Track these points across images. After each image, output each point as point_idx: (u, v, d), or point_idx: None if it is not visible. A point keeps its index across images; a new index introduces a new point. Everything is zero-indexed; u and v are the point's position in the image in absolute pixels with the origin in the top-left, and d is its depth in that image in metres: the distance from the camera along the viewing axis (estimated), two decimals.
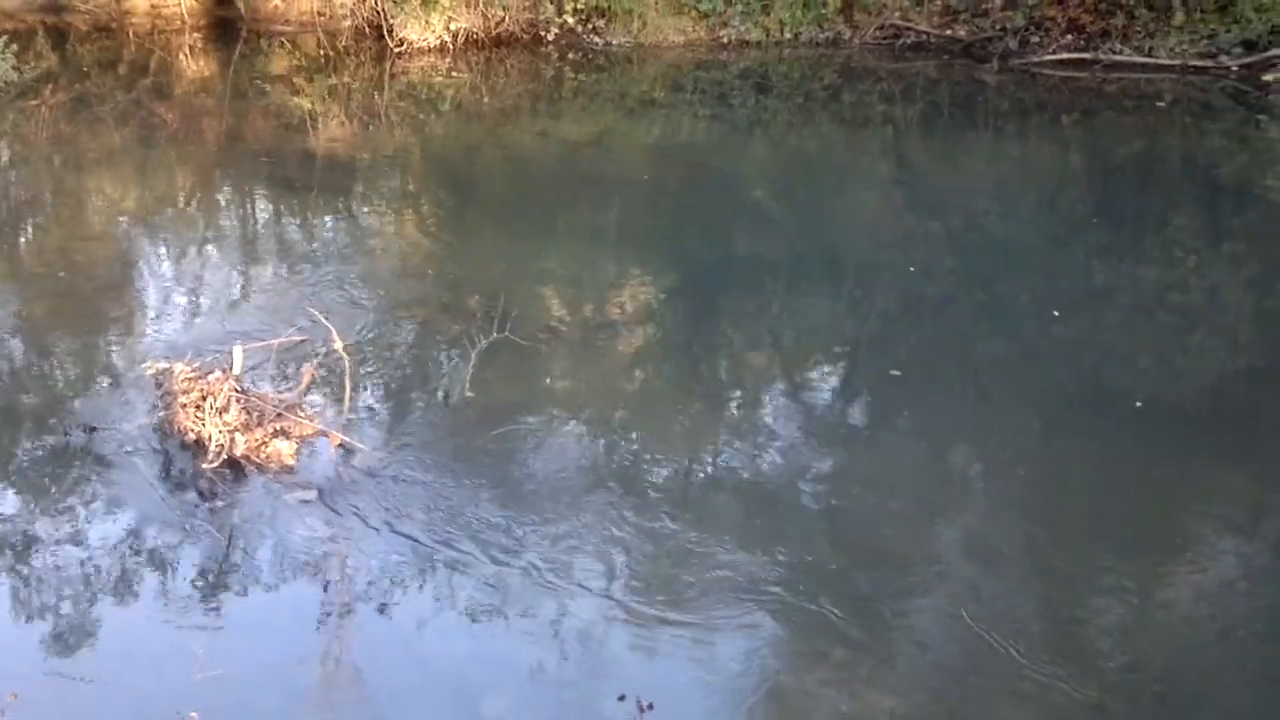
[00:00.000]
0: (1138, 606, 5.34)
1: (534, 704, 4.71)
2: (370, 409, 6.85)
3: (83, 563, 5.49)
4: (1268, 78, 13.60)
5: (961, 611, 5.23)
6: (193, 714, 3.95)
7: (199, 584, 5.36)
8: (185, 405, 6.26)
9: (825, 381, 7.58)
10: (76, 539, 5.66)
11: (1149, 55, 15.02)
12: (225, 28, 17.69)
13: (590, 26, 16.61)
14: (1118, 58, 15.10)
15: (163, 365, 6.62)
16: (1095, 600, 5.38)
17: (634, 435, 6.72)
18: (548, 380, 7.35)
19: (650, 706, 4.03)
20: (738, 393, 7.37)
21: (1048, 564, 5.61)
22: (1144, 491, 6.17)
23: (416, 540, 5.62)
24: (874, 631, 5.12)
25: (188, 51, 16.73)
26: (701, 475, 6.38)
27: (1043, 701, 4.72)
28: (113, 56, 16.39)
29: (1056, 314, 8.14)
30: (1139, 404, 6.94)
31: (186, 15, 17.69)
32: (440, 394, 7.00)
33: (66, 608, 5.23)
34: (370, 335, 7.73)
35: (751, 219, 10.61)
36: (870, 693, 4.77)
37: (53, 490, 6.02)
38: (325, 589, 5.33)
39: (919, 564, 5.59)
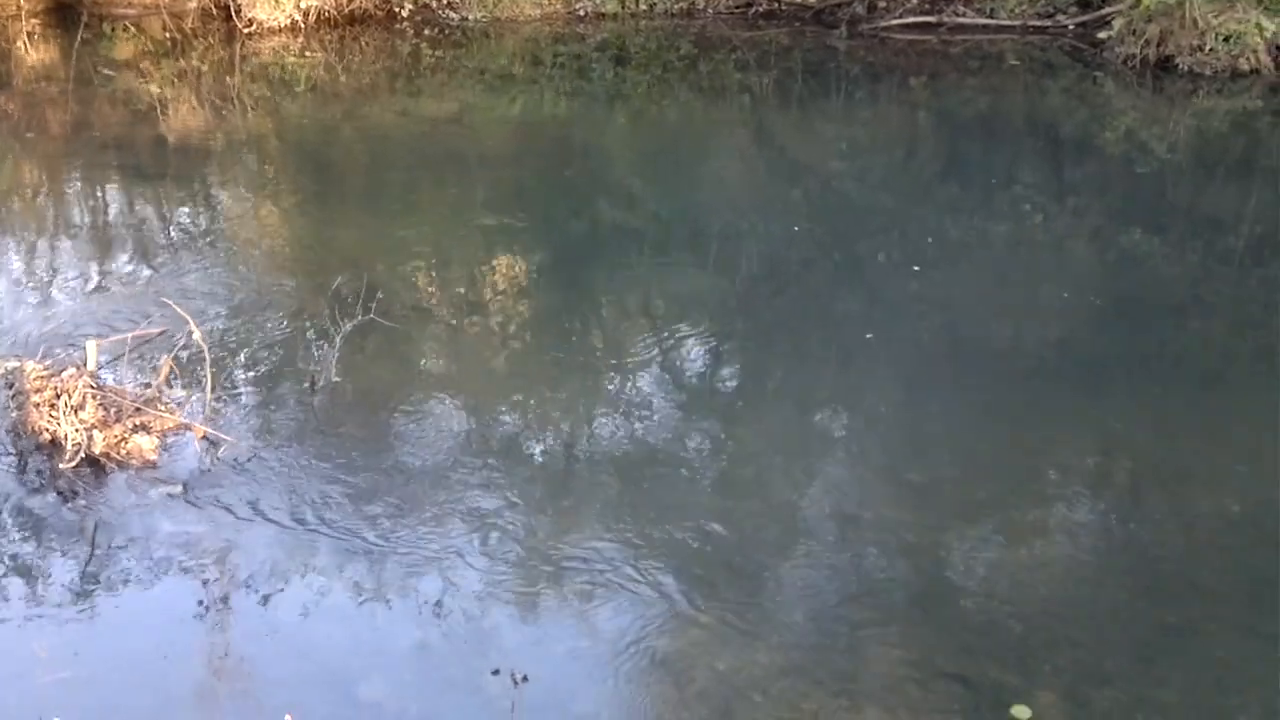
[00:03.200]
0: (1000, 556, 5.57)
1: (413, 684, 4.74)
2: (234, 399, 6.74)
3: None
4: (1102, 35, 14.14)
5: (830, 568, 5.41)
6: (55, 719, 3.88)
7: (63, 586, 5.23)
8: (39, 404, 6.09)
9: (694, 349, 7.70)
10: None
11: (990, 17, 15.50)
12: (65, 13, 17.02)
13: (445, 2, 16.44)
14: (961, 20, 15.54)
15: (13, 364, 6.43)
16: (959, 552, 5.60)
17: (505, 413, 6.76)
18: (416, 361, 7.33)
19: (525, 679, 4.09)
20: (608, 365, 7.45)
21: (913, 518, 5.81)
22: (1003, 442, 6.42)
23: (287, 529, 5.58)
24: (747, 592, 5.26)
25: (26, 39, 16.06)
26: (574, 449, 6.45)
27: (912, 650, 4.91)
28: None
29: (916, 269, 8.40)
30: (996, 356, 7.23)
31: (23, 0, 16.95)
32: (306, 380, 6.92)
33: None
34: (231, 323, 7.60)
35: (615, 191, 10.68)
36: (745, 650, 4.91)
37: None
38: (196, 583, 5.26)
39: (789, 524, 5.75)
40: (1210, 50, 13.05)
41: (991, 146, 12.02)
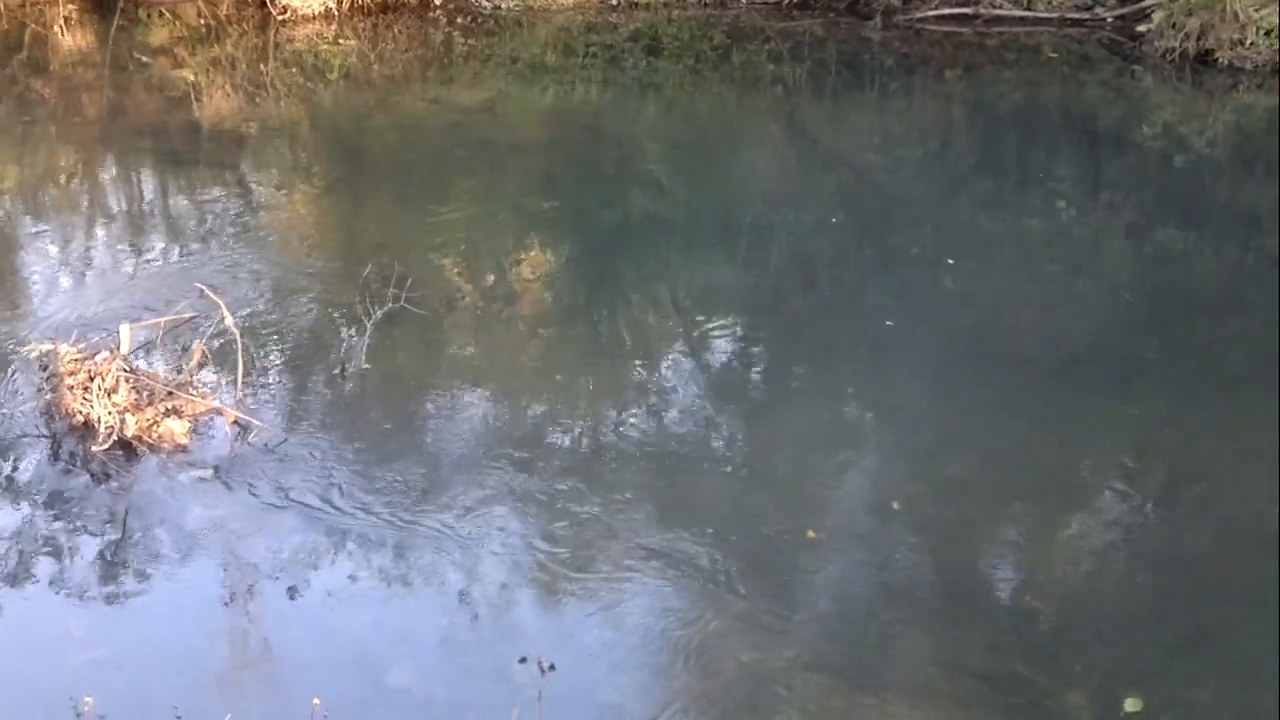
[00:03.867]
0: (1031, 552, 5.54)
1: (440, 671, 4.75)
2: (265, 384, 6.77)
3: None
4: (1141, 28, 13.98)
5: (859, 562, 5.38)
6: (87, 699, 3.91)
7: (96, 567, 5.28)
8: (72, 387, 6.13)
9: (724, 341, 7.67)
10: None
11: (1028, 9, 15.34)
12: None
13: None
14: (998, 12, 15.38)
15: (47, 347, 6.47)
16: (990, 547, 5.57)
17: (534, 401, 6.75)
18: (446, 349, 7.34)
19: (552, 667, 4.08)
20: (638, 355, 7.44)
21: (943, 512, 5.78)
22: (1035, 439, 6.36)
23: (316, 514, 5.60)
24: (774, 584, 5.24)
25: (63, 24, 16.15)
26: (603, 438, 6.44)
27: (941, 647, 4.88)
28: None
29: (951, 262, 8.33)
30: (1027, 352, 7.16)
31: None
32: (336, 366, 6.95)
33: None
34: (262, 309, 7.63)
35: (646, 182, 10.65)
36: (771, 642, 4.89)
37: None
38: (225, 566, 5.29)
39: (818, 517, 5.72)
40: (1251, 44, 12.88)
41: (1027, 140, 11.91)
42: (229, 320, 6.61)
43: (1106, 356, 7.30)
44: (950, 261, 8.38)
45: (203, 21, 16.09)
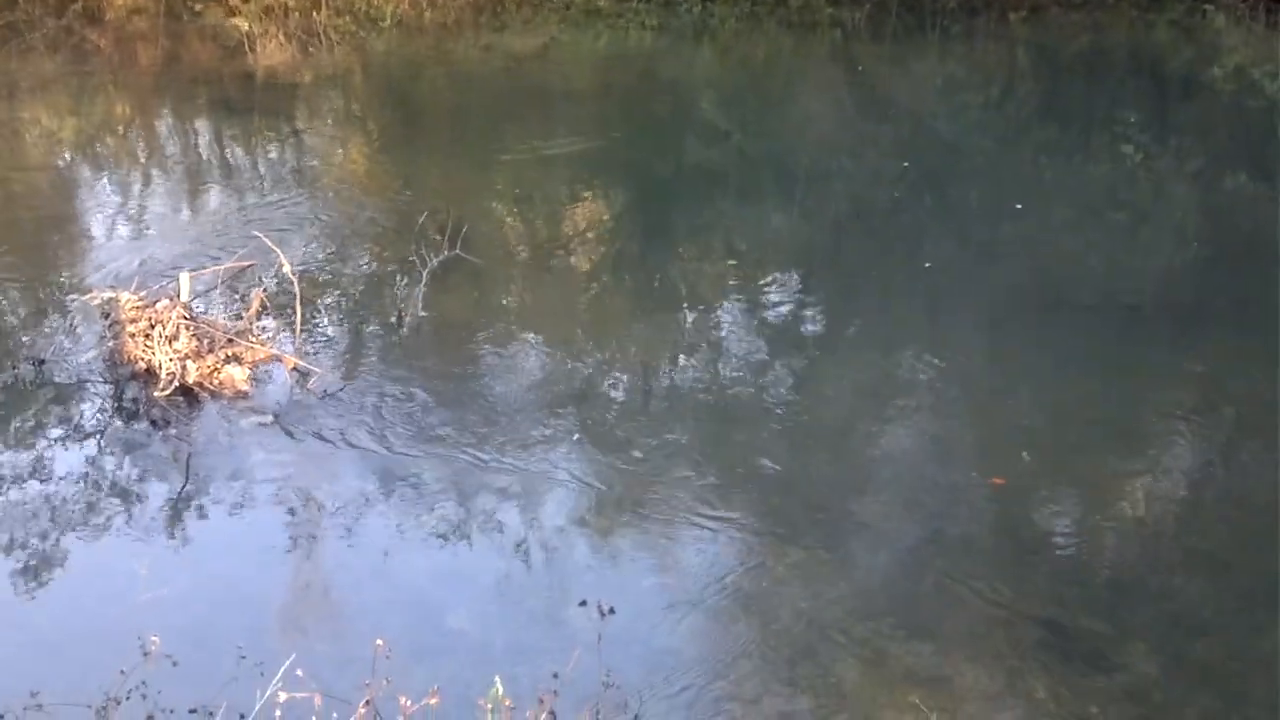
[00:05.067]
0: (1091, 504, 5.45)
1: (499, 615, 4.77)
2: (323, 332, 6.81)
3: (40, 494, 5.46)
4: None
5: (916, 513, 5.33)
6: (154, 638, 3.97)
7: (160, 510, 5.35)
8: (134, 334, 6.20)
9: (780, 290, 7.60)
10: (33, 471, 5.62)
11: None
12: None
13: None
14: None
15: (109, 295, 6.53)
16: (1049, 499, 5.49)
17: (589, 350, 6.74)
18: (500, 297, 7.33)
19: (611, 611, 4.08)
20: (693, 304, 7.39)
21: (1003, 463, 5.70)
22: (1098, 388, 6.26)
23: (375, 460, 5.63)
24: (831, 534, 5.20)
25: None
26: (658, 387, 6.42)
27: (1000, 597, 4.82)
28: None
29: (1019, 207, 8.17)
30: (1091, 301, 7.03)
31: None
32: (393, 314, 6.97)
33: (27, 537, 5.21)
34: (319, 257, 7.66)
35: (701, 129, 10.54)
36: (829, 591, 4.85)
37: (4, 424, 5.96)
38: (287, 510, 5.34)
39: (875, 466, 5.68)
40: None
41: (1093, 84, 11.64)
42: (287, 268, 6.64)
43: (1171, 304, 7.15)
44: (1019, 206, 8.21)
45: None
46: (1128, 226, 8.28)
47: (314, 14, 14.39)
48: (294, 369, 6.30)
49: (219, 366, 6.18)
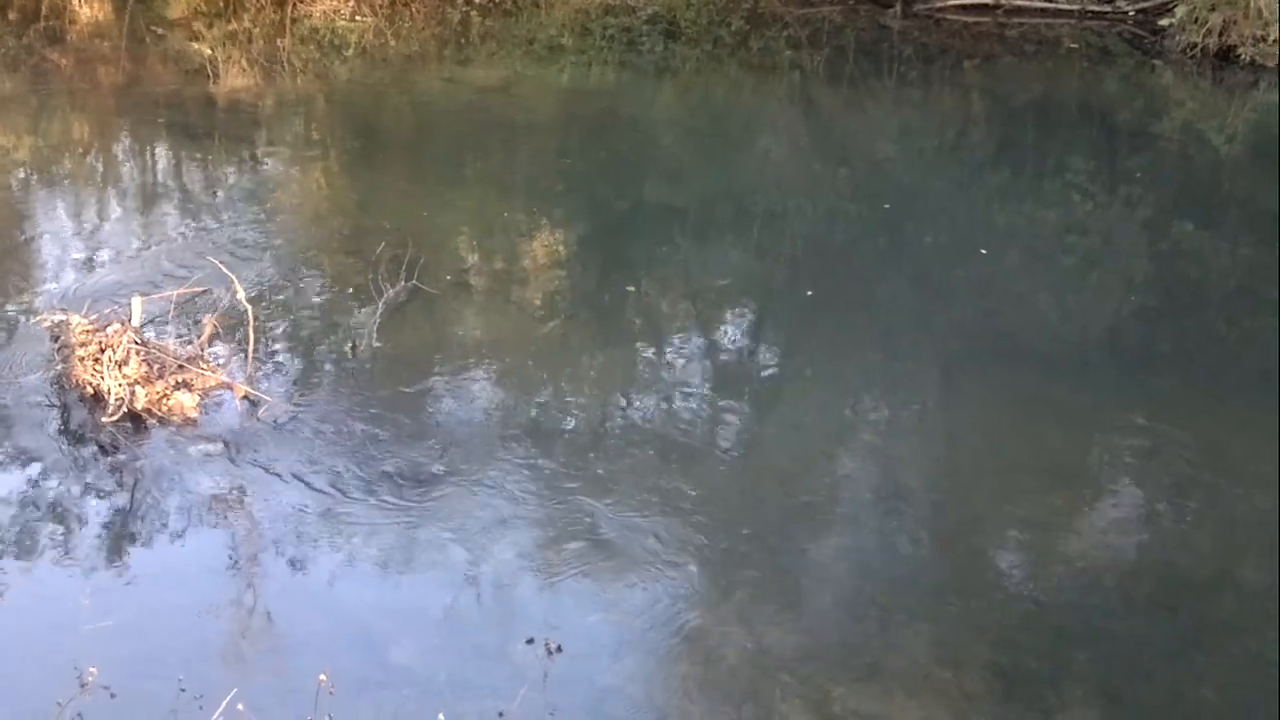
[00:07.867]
0: (1038, 545, 5.51)
1: (444, 650, 4.75)
2: (275, 360, 6.78)
3: None
4: (1163, 23, 13.89)
5: (864, 552, 5.37)
6: (91, 669, 3.92)
7: (103, 538, 5.29)
8: (83, 358, 6.13)
9: (734, 328, 7.66)
10: None
11: (1049, 1, 15.24)
12: None
13: None
14: (1019, 3, 15.31)
15: (59, 317, 6.47)
16: (997, 539, 5.55)
17: (543, 384, 6.75)
18: (456, 329, 7.33)
19: (559, 649, 4.08)
20: (647, 340, 7.42)
21: (951, 504, 5.77)
22: (1045, 431, 6.35)
23: (323, 491, 5.60)
24: (779, 573, 5.23)
25: None
26: (610, 423, 6.44)
27: (944, 638, 4.87)
28: (1, 1, 15.77)
29: (984, 252, 8.30)
30: (1040, 346, 7.13)
31: None
32: (347, 344, 6.95)
33: None
34: (275, 285, 7.63)
35: (661, 166, 10.62)
36: (774, 631, 4.88)
37: None
38: (232, 540, 5.30)
39: (825, 505, 5.72)
40: (1274, 41, 12.79)
41: (1045, 132, 11.85)
42: (241, 294, 6.61)
43: (1120, 350, 7.27)
44: (984, 251, 8.33)
45: None
46: (1077, 272, 8.41)
47: (278, 41, 14.38)
48: (244, 397, 6.26)
49: (168, 393, 6.12)
